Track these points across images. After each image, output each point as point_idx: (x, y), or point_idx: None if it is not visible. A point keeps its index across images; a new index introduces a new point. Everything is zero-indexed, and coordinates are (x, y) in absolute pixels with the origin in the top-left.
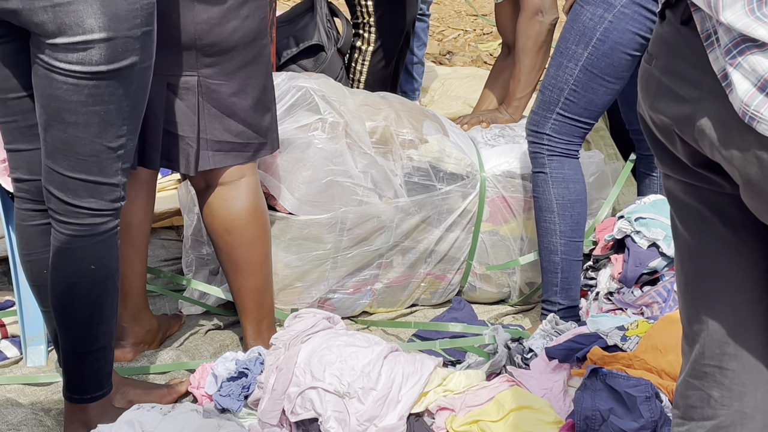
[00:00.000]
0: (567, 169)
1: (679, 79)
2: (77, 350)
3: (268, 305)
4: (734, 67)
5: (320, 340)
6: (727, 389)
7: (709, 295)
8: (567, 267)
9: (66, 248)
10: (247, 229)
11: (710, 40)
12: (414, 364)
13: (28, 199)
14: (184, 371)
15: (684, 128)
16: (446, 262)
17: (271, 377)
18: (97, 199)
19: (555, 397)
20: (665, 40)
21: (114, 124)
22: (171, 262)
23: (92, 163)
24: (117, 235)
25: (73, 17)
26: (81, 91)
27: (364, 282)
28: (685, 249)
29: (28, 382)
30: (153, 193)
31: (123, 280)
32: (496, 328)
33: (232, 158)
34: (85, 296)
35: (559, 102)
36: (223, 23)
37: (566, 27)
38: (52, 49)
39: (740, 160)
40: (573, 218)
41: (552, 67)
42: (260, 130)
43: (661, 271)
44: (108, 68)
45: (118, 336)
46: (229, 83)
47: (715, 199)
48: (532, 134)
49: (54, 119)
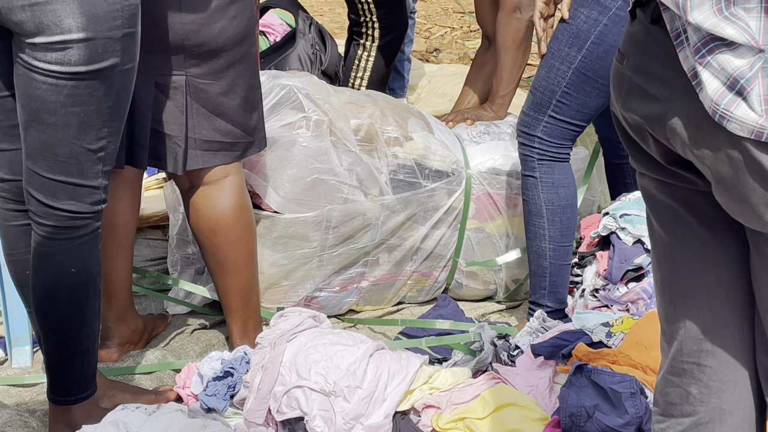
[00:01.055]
0: (557, 174)
1: (650, 78)
2: (60, 352)
3: (254, 304)
4: (703, 66)
5: (306, 338)
6: (706, 386)
7: (686, 293)
8: (555, 271)
9: (45, 251)
10: (233, 228)
11: (680, 39)
12: (400, 362)
13: (10, 200)
14: (169, 371)
15: (656, 127)
16: (432, 260)
17: (257, 376)
18: (77, 202)
19: (540, 394)
20: (636, 39)
21: (94, 126)
22: (157, 262)
23: (71, 165)
24: (98, 237)
25: (50, 17)
26: (60, 91)
27: (350, 280)
28: (661, 247)
29: (13, 383)
30: (139, 193)
31: (108, 281)
32: (482, 325)
33: (220, 158)
34: (66, 299)
35: (551, 104)
36: (211, 23)
37: (559, 29)
38: (32, 49)
39: (711, 158)
40: (563, 223)
41: (543, 68)
42: (248, 129)
43: (646, 268)
44: (87, 69)
45: (104, 336)
46: (217, 83)
47: (689, 197)
48: (523, 135)
49: (33, 119)
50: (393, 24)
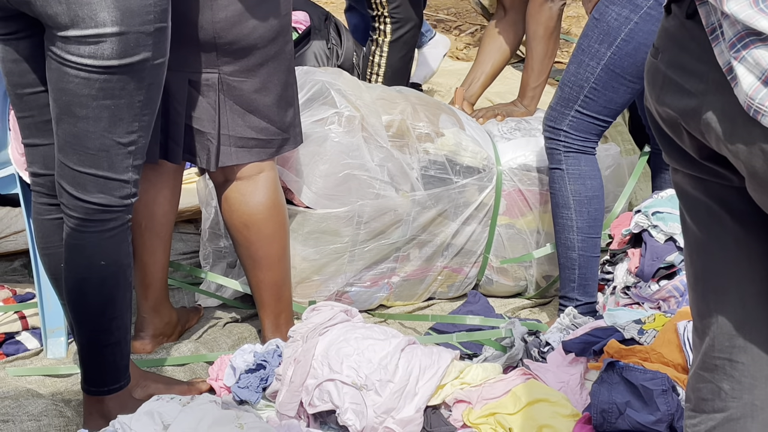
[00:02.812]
0: (583, 166)
1: (685, 73)
2: (92, 344)
3: (286, 299)
4: (738, 60)
5: (338, 332)
6: (738, 381)
7: (719, 289)
8: (584, 263)
9: (76, 243)
10: (265, 224)
11: (715, 34)
12: (431, 356)
13: (44, 194)
14: (202, 363)
15: (690, 122)
16: (463, 256)
17: (289, 369)
18: (107, 195)
19: (572, 390)
20: (671, 34)
21: (124, 120)
22: (189, 255)
23: (102, 158)
24: (128, 230)
25: (86, 10)
26: (92, 85)
27: (381, 275)
28: (694, 243)
29: (48, 374)
30: (179, 185)
31: (145, 271)
32: (513, 321)
33: (255, 154)
34: (97, 291)
35: (578, 99)
36: (242, 22)
37: (589, 25)
38: (64, 42)
39: (746, 153)
40: (590, 214)
41: (572, 64)
42: (283, 125)
43: (678, 266)
44: (119, 63)
45: (138, 327)
46: (250, 80)
47: (723, 193)
48: (549, 130)
49: (65, 113)
50: (404, 18)
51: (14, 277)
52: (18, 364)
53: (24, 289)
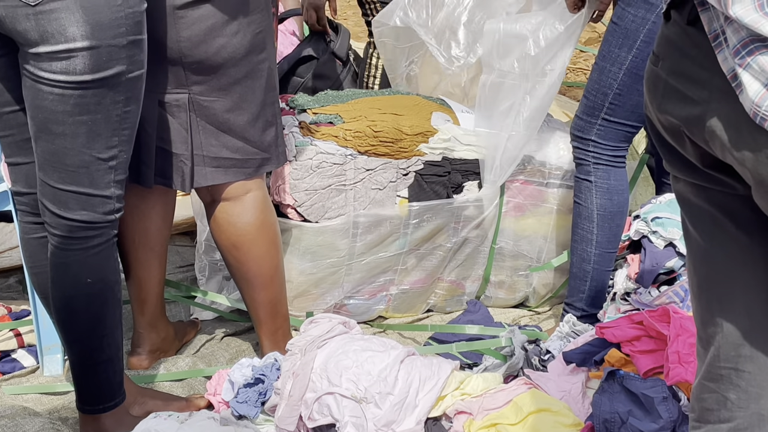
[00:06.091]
0: (613, 180)
1: (687, 80)
2: (84, 362)
3: (282, 315)
4: (743, 67)
5: (336, 345)
6: (744, 391)
7: (723, 298)
8: (597, 276)
9: (61, 262)
10: (255, 244)
11: (718, 41)
12: (431, 367)
13: (28, 212)
14: (200, 378)
15: (694, 129)
16: (464, 269)
17: (288, 383)
18: (89, 212)
19: (573, 400)
20: (671, 41)
21: (103, 135)
22: (185, 268)
23: (82, 175)
24: (114, 246)
25: (55, 25)
26: (67, 101)
27: (379, 287)
28: (698, 251)
29: (44, 392)
30: (172, 199)
31: (140, 286)
32: (512, 329)
33: (232, 174)
34: (84, 310)
35: (603, 107)
36: (208, 41)
37: (609, 30)
38: (36, 59)
39: (752, 161)
40: (611, 230)
41: (595, 72)
42: (262, 145)
43: (678, 271)
44: (93, 77)
45: (135, 343)
46: (222, 100)
47: (726, 201)
48: (576, 140)
49: (42, 131)
50: None
51: (9, 293)
52: (14, 382)
53: (19, 306)
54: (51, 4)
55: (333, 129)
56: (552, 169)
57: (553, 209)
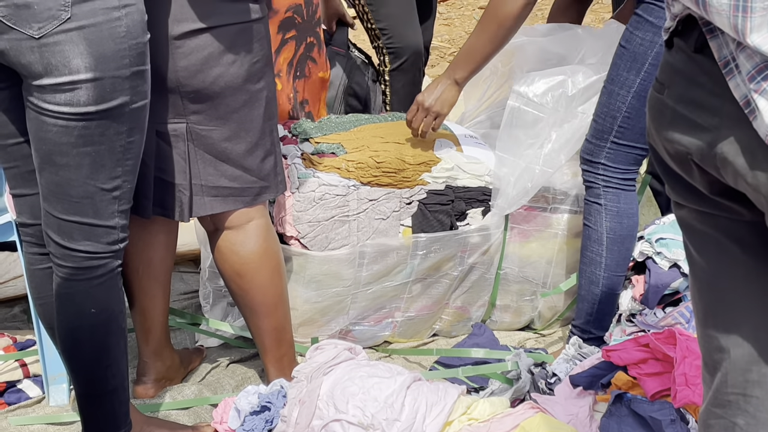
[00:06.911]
0: (623, 203)
1: (697, 108)
2: (89, 393)
3: (287, 342)
4: (759, 93)
5: (342, 371)
6: (752, 416)
7: (730, 322)
8: (605, 299)
9: (65, 292)
10: (258, 272)
11: (729, 67)
12: (437, 393)
13: (33, 243)
14: (207, 406)
15: (704, 157)
16: (470, 295)
17: (294, 410)
18: (93, 242)
19: (581, 423)
20: (677, 69)
21: (106, 166)
22: (190, 295)
23: (86, 206)
24: (119, 276)
25: (59, 57)
26: (71, 132)
27: (385, 314)
28: (702, 277)
29: (51, 422)
30: (175, 228)
31: (145, 316)
32: (518, 353)
33: (231, 203)
34: (89, 340)
35: (612, 130)
36: (204, 70)
37: (617, 53)
38: (40, 91)
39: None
40: (621, 253)
41: (603, 95)
42: (260, 174)
43: (683, 292)
44: (96, 109)
45: (140, 372)
46: (220, 129)
47: (732, 227)
48: (586, 163)
49: (46, 162)
50: (400, 48)
51: (14, 323)
52: (20, 413)
53: (24, 336)
54: (55, 37)
55: (335, 160)
56: (556, 194)
57: (557, 234)
